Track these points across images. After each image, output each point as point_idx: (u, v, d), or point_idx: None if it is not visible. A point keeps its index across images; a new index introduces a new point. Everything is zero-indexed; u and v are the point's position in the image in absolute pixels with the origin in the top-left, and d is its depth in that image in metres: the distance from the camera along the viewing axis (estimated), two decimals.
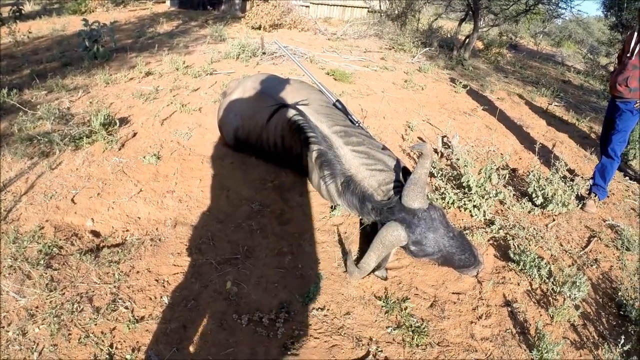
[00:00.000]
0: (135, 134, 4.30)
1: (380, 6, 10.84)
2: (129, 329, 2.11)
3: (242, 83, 3.67)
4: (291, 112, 2.94)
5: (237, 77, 6.05)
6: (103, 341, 2.04)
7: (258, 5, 9.61)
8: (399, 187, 2.35)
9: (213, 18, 11.36)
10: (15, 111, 4.46)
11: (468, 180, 3.14)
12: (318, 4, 12.01)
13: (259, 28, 9.54)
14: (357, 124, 2.94)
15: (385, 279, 2.49)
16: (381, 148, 2.69)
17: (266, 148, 3.27)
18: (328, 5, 12.01)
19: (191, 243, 2.71)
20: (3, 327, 2.18)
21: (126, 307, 2.25)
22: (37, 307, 2.20)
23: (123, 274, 2.46)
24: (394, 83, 6.20)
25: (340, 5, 12.12)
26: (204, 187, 3.27)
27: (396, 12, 10.26)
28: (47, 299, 2.24)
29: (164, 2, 13.96)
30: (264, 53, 7.21)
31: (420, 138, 4.54)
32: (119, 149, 3.78)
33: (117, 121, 4.43)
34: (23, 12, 10.62)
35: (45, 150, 3.63)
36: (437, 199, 3.21)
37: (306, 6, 12.09)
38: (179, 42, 8.06)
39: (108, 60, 6.82)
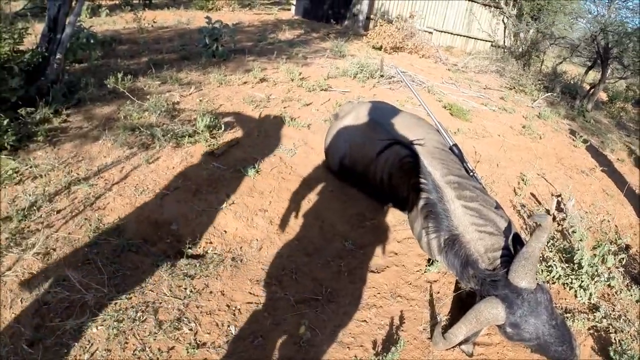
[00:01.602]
0: (238, 142, 5.04)
1: (504, 41, 13.11)
2: (188, 352, 2.44)
3: (356, 108, 4.22)
4: (405, 151, 3.34)
5: (352, 97, 6.88)
6: (158, 359, 2.38)
7: (382, 25, 11.36)
8: (507, 256, 2.61)
9: (335, 32, 12.96)
10: (125, 97, 5.59)
11: (581, 258, 3.49)
12: (441, 31, 13.86)
13: (380, 49, 11.05)
14: (471, 173, 3.25)
15: (471, 355, 2.74)
16: (494, 207, 2.96)
17: (371, 182, 3.72)
18: (451, 34, 13.88)
19: (273, 272, 3.12)
20: (59, 319, 2.70)
21: (190, 329, 2.61)
22: (100, 306, 2.66)
23: (195, 291, 2.87)
24: (511, 127, 7.06)
25: (464, 36, 14.02)
26: (298, 213, 3.77)
27: (520, 50, 12.19)
28: (112, 300, 2.69)
29: (289, 9, 16.80)
30: (381, 76, 8.21)
31: (533, 195, 5.01)
32: (219, 155, 4.59)
33: (223, 125, 5.20)
34: (152, 0, 13.39)
35: (146, 143, 4.43)
36: (542, 270, 3.55)
37: (429, 32, 13.87)
38: (298, 52, 9.41)
39: (225, 60, 8.15)
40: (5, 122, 4.27)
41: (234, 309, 2.79)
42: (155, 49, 8.35)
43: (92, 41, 6.87)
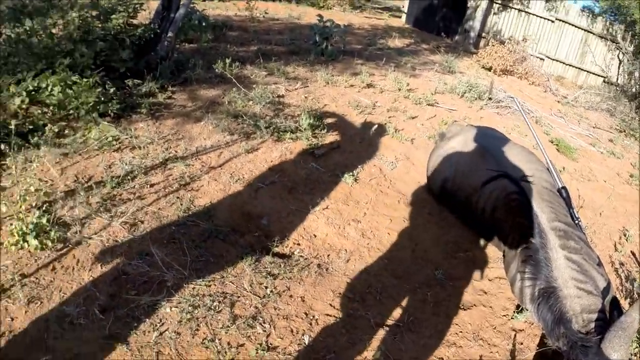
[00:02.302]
0: (339, 146, 5.21)
1: (617, 79, 12.95)
2: (257, 353, 2.54)
3: (465, 131, 4.33)
4: (513, 187, 3.39)
5: (458, 117, 6.95)
6: (226, 353, 2.50)
7: (494, 45, 11.62)
8: (602, 320, 2.58)
9: (445, 46, 13.13)
10: (231, 83, 5.97)
11: None
12: (553, 59, 13.81)
13: (489, 69, 11.21)
14: (576, 221, 3.24)
15: None
16: (597, 263, 2.95)
17: (471, 212, 3.76)
18: (563, 63, 13.77)
19: (357, 288, 3.20)
20: (135, 292, 2.92)
21: (264, 330, 2.72)
22: (178, 288, 2.87)
23: (276, 292, 3.00)
24: (618, 174, 6.91)
25: (576, 67, 13.90)
26: (392, 230, 3.88)
27: (634, 90, 11.94)
28: (190, 284, 2.90)
29: (400, 17, 17.28)
30: (490, 98, 8.31)
31: (633, 254, 4.77)
32: (319, 156, 4.81)
33: (326, 127, 5.36)
34: None
35: (248, 132, 4.90)
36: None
37: (541, 59, 13.77)
38: (407, 62, 9.64)
39: (333, 60, 8.47)
40: (111, 90, 4.71)
41: (311, 318, 2.87)
42: (264, 40, 8.88)
43: (203, 24, 7.41)
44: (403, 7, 17.60)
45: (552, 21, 13.20)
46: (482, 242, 4.02)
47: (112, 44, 5.12)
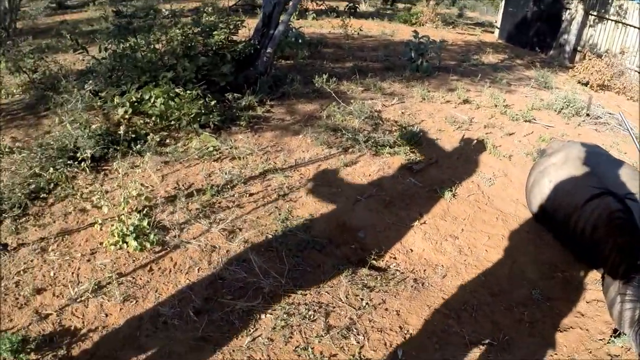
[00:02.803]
0: (437, 161, 5.10)
1: None
2: None
3: (567, 148, 4.28)
4: (617, 205, 3.33)
5: (556, 133, 6.57)
6: None
7: (590, 59, 10.89)
8: None
9: (539, 61, 12.55)
10: (330, 98, 6.03)
11: None
12: None
13: (586, 84, 10.56)
14: None
15: None
16: None
17: (570, 231, 3.73)
18: None
19: (453, 304, 3.13)
20: (230, 296, 2.90)
21: (357, 341, 2.68)
22: (273, 296, 2.92)
23: (371, 304, 2.96)
24: None
25: None
26: (489, 248, 3.80)
27: None
28: (286, 292, 2.94)
29: (493, 32, 16.92)
30: (587, 114, 7.84)
31: None
32: (417, 172, 4.76)
33: (424, 142, 5.23)
34: (358, 10, 14.40)
35: (346, 146, 4.98)
36: None
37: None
38: (502, 78, 9.29)
39: (429, 76, 8.36)
40: (212, 103, 4.86)
41: (405, 332, 2.81)
42: (359, 56, 8.98)
43: (300, 41, 7.58)
44: (496, 22, 17.33)
45: None
46: (580, 263, 3.91)
47: (213, 59, 5.33)
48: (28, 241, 3.22)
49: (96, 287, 2.88)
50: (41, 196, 3.67)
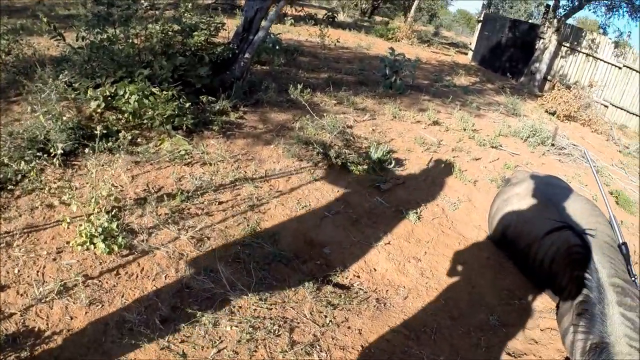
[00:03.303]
0: (404, 182, 5.27)
1: None
2: None
3: (530, 179, 4.52)
4: (575, 239, 3.58)
5: (521, 161, 6.97)
6: None
7: (559, 90, 11.50)
8: None
9: (510, 87, 13.14)
10: (303, 109, 6.13)
11: None
12: (617, 107, 13.65)
13: (553, 114, 11.14)
14: (633, 279, 3.34)
15: None
16: None
17: (529, 260, 3.99)
18: (628, 112, 13.53)
19: (413, 326, 3.23)
20: (197, 306, 2.96)
21: (320, 358, 2.74)
22: (240, 307, 2.95)
23: (335, 322, 3.03)
24: None
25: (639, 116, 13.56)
26: (451, 272, 3.93)
27: None
28: (252, 305, 2.98)
29: (467, 54, 17.68)
30: (552, 144, 8.28)
31: None
32: (385, 191, 4.89)
33: (393, 161, 5.39)
34: (336, 19, 14.55)
35: (317, 160, 5.07)
36: None
37: (605, 106, 13.59)
38: (472, 101, 9.69)
39: (401, 94, 8.59)
40: (187, 105, 4.89)
41: (367, 351, 2.89)
42: (334, 68, 9.13)
43: (277, 47, 7.65)
44: (470, 44, 17.88)
45: (620, 68, 12.96)
46: (537, 291, 4.14)
47: (191, 60, 5.34)
48: None
49: (62, 288, 2.88)
50: (7, 187, 3.62)
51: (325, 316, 3.15)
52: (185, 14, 5.95)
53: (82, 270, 3.04)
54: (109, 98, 4.87)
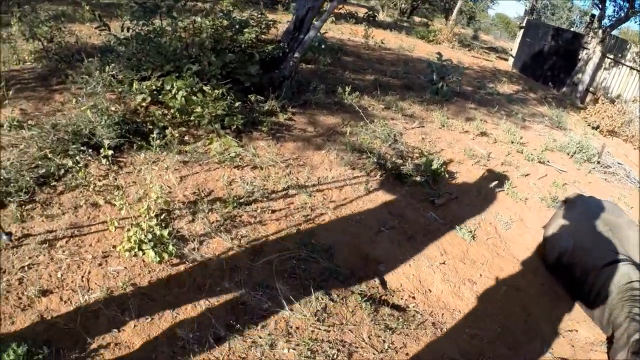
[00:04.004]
0: (457, 197, 5.10)
1: None
2: None
3: (587, 203, 4.51)
4: (635, 275, 3.59)
5: (568, 179, 6.78)
6: None
7: (603, 103, 11.16)
8: None
9: (552, 97, 12.82)
10: (351, 112, 5.97)
11: None
12: None
13: (596, 128, 10.85)
14: None
15: None
16: None
17: (584, 290, 3.94)
18: None
19: (470, 354, 3.13)
20: (253, 325, 2.79)
21: None
22: (297, 328, 2.83)
23: (393, 348, 2.92)
24: None
25: None
26: (506, 296, 3.83)
27: None
28: (310, 327, 2.87)
29: (507, 60, 17.34)
30: (598, 162, 8.01)
31: None
32: (439, 206, 4.76)
33: (447, 174, 5.19)
34: (377, 18, 14.41)
35: (369, 170, 4.91)
36: None
37: None
38: (517, 112, 9.47)
39: (447, 100, 8.36)
40: (236, 104, 4.70)
41: None
42: (379, 70, 8.99)
43: (322, 46, 7.44)
44: (511, 50, 17.57)
45: None
46: (589, 321, 4.02)
47: (241, 57, 5.16)
48: (34, 232, 3.05)
49: (108, 296, 2.71)
50: (50, 182, 3.48)
51: (384, 341, 2.99)
52: (234, 9, 5.78)
53: (130, 279, 2.88)
54: (155, 92, 4.72)
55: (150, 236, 3.02)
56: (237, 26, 5.45)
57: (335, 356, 2.76)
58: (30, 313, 2.53)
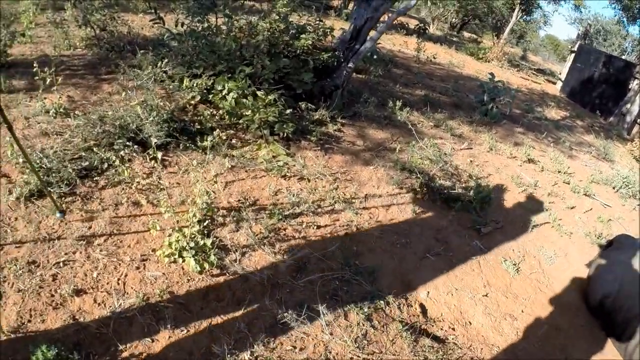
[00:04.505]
0: (502, 226, 4.92)
1: None
2: None
3: (636, 246, 4.35)
4: None
5: (613, 215, 6.56)
6: None
7: None
8: None
9: (599, 126, 12.61)
10: (401, 127, 5.83)
11: None
12: None
13: None
14: None
15: None
16: None
17: (625, 338, 3.79)
18: None
19: None
20: (294, 348, 2.67)
21: None
22: (336, 354, 2.72)
23: None
24: None
25: None
26: (546, 335, 3.68)
27: None
28: (350, 353, 2.75)
29: (555, 84, 17.05)
30: None
31: None
32: (484, 235, 4.59)
33: (492, 201, 4.98)
34: (427, 32, 14.28)
35: (417, 191, 4.75)
36: None
37: None
38: (564, 140, 9.24)
39: (496, 122, 8.10)
40: (287, 111, 4.59)
41: None
42: (428, 85, 8.90)
43: (374, 57, 7.30)
44: (560, 73, 17.24)
45: None
46: None
47: (295, 63, 5.05)
48: (72, 226, 2.95)
49: (144, 302, 2.61)
50: (93, 176, 3.40)
51: None
52: (291, 13, 5.68)
53: (168, 286, 2.78)
54: (205, 91, 4.65)
55: (192, 244, 2.92)
56: (293, 31, 5.34)
57: None
58: (62, 313, 2.45)
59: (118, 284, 2.71)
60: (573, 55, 16.43)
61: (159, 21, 5.11)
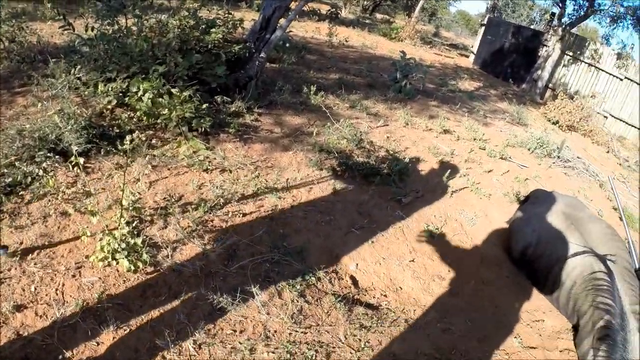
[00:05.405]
0: (422, 195, 5.20)
1: None
2: None
3: (550, 199, 4.70)
4: (598, 265, 3.72)
5: (529, 174, 7.00)
6: None
7: (562, 99, 11.63)
8: None
9: (512, 93, 13.31)
10: (317, 112, 6.01)
11: None
12: (617, 118, 13.70)
13: (556, 123, 11.28)
14: None
15: None
16: None
17: (549, 283, 4.07)
18: (626, 123, 13.61)
19: (443, 348, 3.20)
20: (231, 330, 2.83)
21: None
22: (275, 332, 2.85)
23: (369, 346, 2.96)
24: None
25: (638, 129, 13.72)
26: (475, 290, 3.94)
27: None
28: (288, 329, 2.89)
29: (468, 57, 17.87)
30: (558, 157, 8.33)
31: None
32: (405, 205, 4.85)
33: (412, 172, 5.31)
34: (339, 16, 14.48)
35: (337, 170, 4.96)
36: None
37: (604, 116, 13.63)
38: (478, 109, 9.72)
39: (410, 98, 8.49)
40: (203, 106, 4.69)
41: None
42: (342, 68, 9.09)
43: (287, 45, 7.45)
44: (472, 47, 17.92)
45: (621, 79, 12.92)
46: (554, 311, 4.17)
47: (207, 58, 5.13)
48: (4, 243, 2.99)
49: (84, 308, 2.69)
50: (18, 191, 3.41)
51: (360, 340, 3.04)
52: (200, 8, 5.73)
53: (105, 289, 2.86)
54: (121, 94, 4.67)
55: (123, 245, 3.00)
56: (204, 26, 5.41)
57: (313, 357, 2.80)
58: (5, 330, 2.47)
59: (57, 294, 2.75)
60: (483, 28, 17.12)
61: (68, 27, 5.04)
